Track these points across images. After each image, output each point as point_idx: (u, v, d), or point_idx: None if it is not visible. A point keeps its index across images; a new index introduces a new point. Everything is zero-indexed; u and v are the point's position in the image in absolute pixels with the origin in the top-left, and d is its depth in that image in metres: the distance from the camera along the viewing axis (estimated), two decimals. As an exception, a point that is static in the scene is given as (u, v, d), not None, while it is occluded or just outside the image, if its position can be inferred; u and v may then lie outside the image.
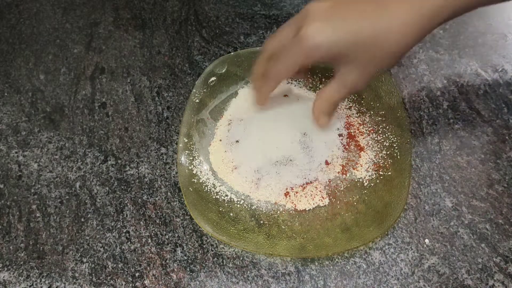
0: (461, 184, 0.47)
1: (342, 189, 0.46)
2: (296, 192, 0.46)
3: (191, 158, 0.48)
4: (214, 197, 0.46)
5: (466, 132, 0.50)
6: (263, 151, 0.47)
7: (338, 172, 0.47)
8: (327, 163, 0.47)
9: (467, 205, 0.46)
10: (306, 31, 0.36)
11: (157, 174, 0.49)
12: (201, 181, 0.47)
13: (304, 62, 0.38)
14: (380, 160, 0.47)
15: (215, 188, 0.47)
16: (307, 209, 0.45)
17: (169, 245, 0.45)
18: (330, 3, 0.37)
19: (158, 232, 0.46)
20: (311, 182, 0.46)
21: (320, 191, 0.46)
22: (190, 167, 0.48)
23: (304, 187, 0.46)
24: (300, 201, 0.45)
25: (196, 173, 0.47)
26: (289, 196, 0.46)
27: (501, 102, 0.52)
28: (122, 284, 0.43)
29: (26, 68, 0.58)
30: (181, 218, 0.46)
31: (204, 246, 0.45)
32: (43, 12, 0.63)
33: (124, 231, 0.46)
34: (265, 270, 0.43)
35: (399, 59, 0.38)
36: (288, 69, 0.40)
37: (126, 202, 0.47)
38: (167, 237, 0.45)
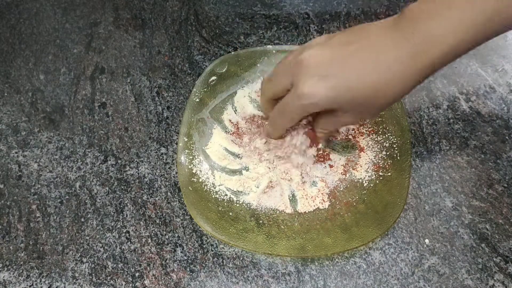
0: (461, 184, 0.47)
1: (341, 189, 0.46)
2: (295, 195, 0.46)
3: (190, 157, 0.48)
4: (213, 196, 0.46)
5: (466, 132, 0.50)
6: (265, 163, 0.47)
7: (341, 173, 0.47)
8: (331, 166, 0.47)
9: (467, 205, 0.46)
10: (303, 89, 0.36)
11: (157, 174, 0.49)
12: (200, 180, 0.47)
13: (303, 115, 0.40)
14: (380, 161, 0.47)
15: (214, 188, 0.47)
16: (307, 211, 0.45)
17: (169, 245, 0.45)
18: (327, 54, 0.36)
19: (158, 232, 0.46)
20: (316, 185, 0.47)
21: (322, 193, 0.46)
22: (189, 166, 0.48)
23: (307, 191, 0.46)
24: (301, 203, 0.45)
25: (195, 172, 0.47)
26: (290, 199, 0.46)
27: (501, 102, 0.52)
28: (122, 284, 0.43)
29: (26, 68, 0.58)
30: (181, 218, 0.46)
31: (204, 246, 0.45)
32: (43, 12, 0.63)
33: (124, 231, 0.46)
34: (265, 270, 0.43)
35: (391, 105, 0.39)
36: (289, 123, 0.41)
37: (126, 202, 0.47)
38: (167, 237, 0.45)
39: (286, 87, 0.39)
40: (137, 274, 0.43)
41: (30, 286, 0.43)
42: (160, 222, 0.46)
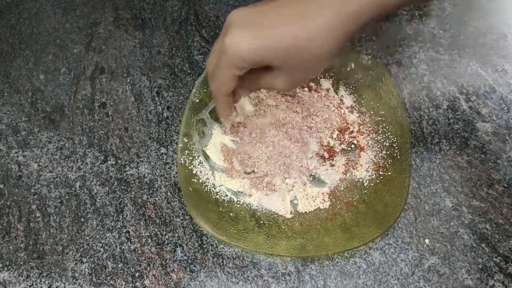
0: (461, 184, 0.47)
1: (342, 189, 0.46)
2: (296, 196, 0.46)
3: (191, 158, 0.48)
4: (214, 197, 0.46)
5: (466, 132, 0.50)
6: (268, 160, 0.47)
7: (342, 173, 0.47)
8: (332, 165, 0.47)
9: (467, 205, 0.46)
10: (226, 41, 0.35)
11: (157, 174, 0.49)
12: (201, 181, 0.47)
13: (236, 73, 0.37)
14: (380, 160, 0.47)
15: (215, 188, 0.47)
16: (307, 211, 0.45)
17: (169, 245, 0.45)
18: (249, 10, 0.36)
19: (158, 232, 0.46)
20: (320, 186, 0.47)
21: (322, 193, 0.46)
22: (190, 167, 0.47)
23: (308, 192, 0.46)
24: (301, 203, 0.45)
25: (196, 173, 0.47)
26: (291, 203, 0.46)
27: (501, 102, 0.52)
28: (122, 284, 0.43)
29: (26, 68, 0.58)
30: (181, 218, 0.46)
31: (204, 246, 0.45)
32: (43, 12, 0.63)
33: (124, 231, 0.46)
34: (265, 270, 0.43)
35: (326, 63, 0.37)
36: (224, 83, 0.38)
37: (126, 202, 0.47)
38: (167, 237, 0.45)
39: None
40: (137, 274, 0.43)
41: (30, 286, 0.43)
42: (160, 222, 0.46)
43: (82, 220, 0.47)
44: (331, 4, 0.34)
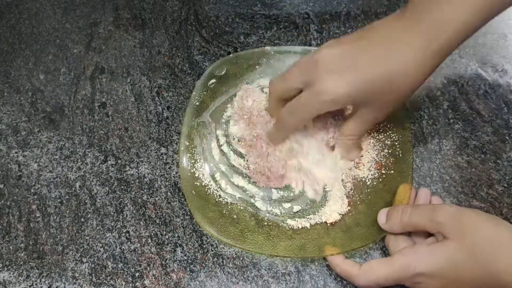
0: (461, 184, 0.47)
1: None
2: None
3: (192, 161, 0.48)
4: (216, 200, 0.46)
5: (466, 132, 0.50)
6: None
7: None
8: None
9: (467, 205, 0.45)
10: (322, 86, 0.36)
11: (157, 174, 0.49)
12: (203, 184, 0.47)
13: (316, 114, 0.39)
14: (382, 159, 0.47)
15: (217, 191, 0.47)
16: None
17: (169, 245, 0.45)
18: (339, 51, 0.37)
19: (158, 232, 0.46)
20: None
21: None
22: (192, 170, 0.47)
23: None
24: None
25: (198, 176, 0.47)
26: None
27: (501, 102, 0.52)
28: (122, 284, 0.43)
29: (26, 68, 0.58)
30: (181, 218, 0.46)
31: (204, 246, 0.45)
32: (43, 12, 0.63)
33: (124, 231, 0.46)
34: (265, 270, 0.43)
35: (414, 93, 0.39)
36: (304, 121, 0.41)
37: (126, 202, 0.47)
38: (167, 237, 0.45)
39: (298, 87, 0.39)
40: (137, 274, 0.43)
41: (30, 286, 0.43)
42: (160, 222, 0.46)
43: (82, 220, 0.47)
44: (417, 43, 0.36)
